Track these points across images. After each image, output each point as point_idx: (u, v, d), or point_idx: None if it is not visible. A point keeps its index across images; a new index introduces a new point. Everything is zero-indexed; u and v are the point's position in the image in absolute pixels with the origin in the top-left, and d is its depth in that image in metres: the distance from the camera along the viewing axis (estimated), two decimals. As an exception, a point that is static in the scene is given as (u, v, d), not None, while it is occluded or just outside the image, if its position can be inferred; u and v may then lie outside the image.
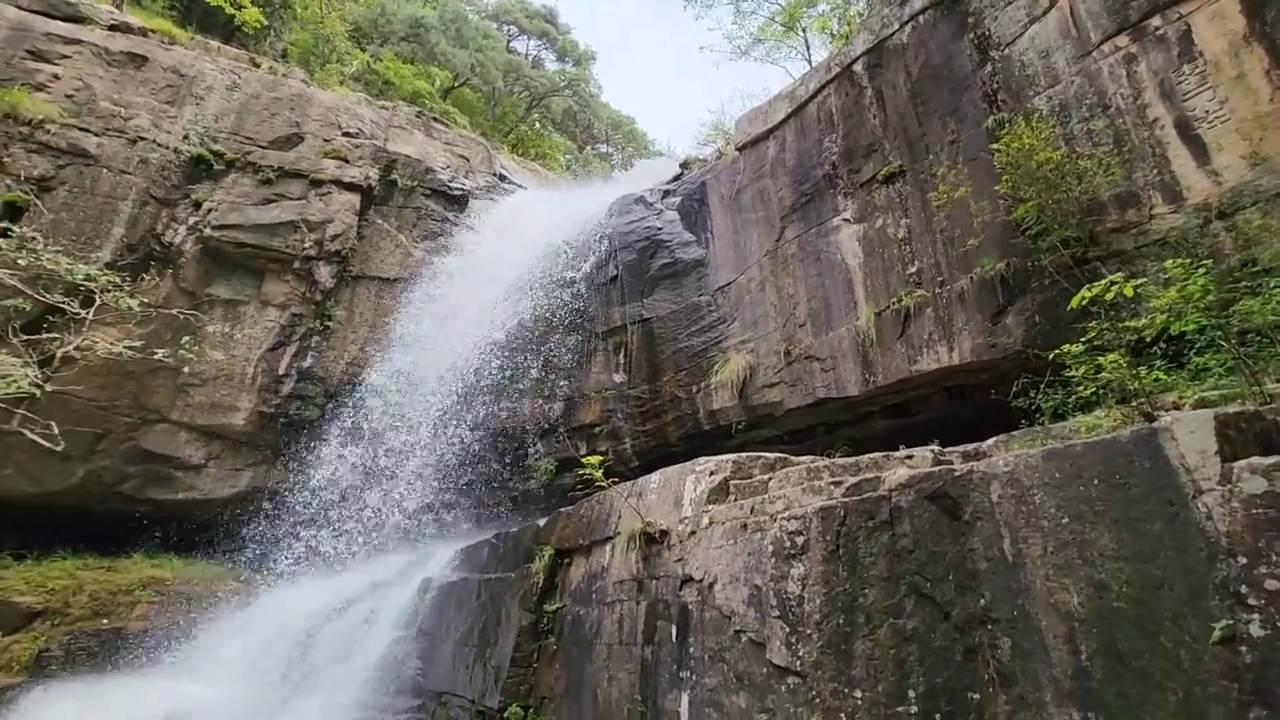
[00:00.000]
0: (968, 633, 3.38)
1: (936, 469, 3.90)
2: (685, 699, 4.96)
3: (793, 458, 6.04)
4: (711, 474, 5.86)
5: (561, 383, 12.63)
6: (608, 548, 6.58)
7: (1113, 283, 4.14)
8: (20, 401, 9.79)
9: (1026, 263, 6.90)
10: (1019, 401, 5.81)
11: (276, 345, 13.02)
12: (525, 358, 12.85)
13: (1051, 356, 4.87)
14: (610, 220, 13.12)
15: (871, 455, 5.04)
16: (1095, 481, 3.05)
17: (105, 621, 10.42)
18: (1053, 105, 6.92)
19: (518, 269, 13.49)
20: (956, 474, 3.66)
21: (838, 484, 4.46)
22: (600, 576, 6.56)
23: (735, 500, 5.44)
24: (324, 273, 13.48)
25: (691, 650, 5.05)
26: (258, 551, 12.10)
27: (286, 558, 11.96)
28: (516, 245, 13.95)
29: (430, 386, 12.81)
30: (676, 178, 13.52)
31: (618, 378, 12.02)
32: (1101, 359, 4.17)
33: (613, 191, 14.78)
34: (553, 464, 12.47)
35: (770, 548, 4.57)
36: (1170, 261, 4.39)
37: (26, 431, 9.86)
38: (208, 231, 12.70)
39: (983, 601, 3.35)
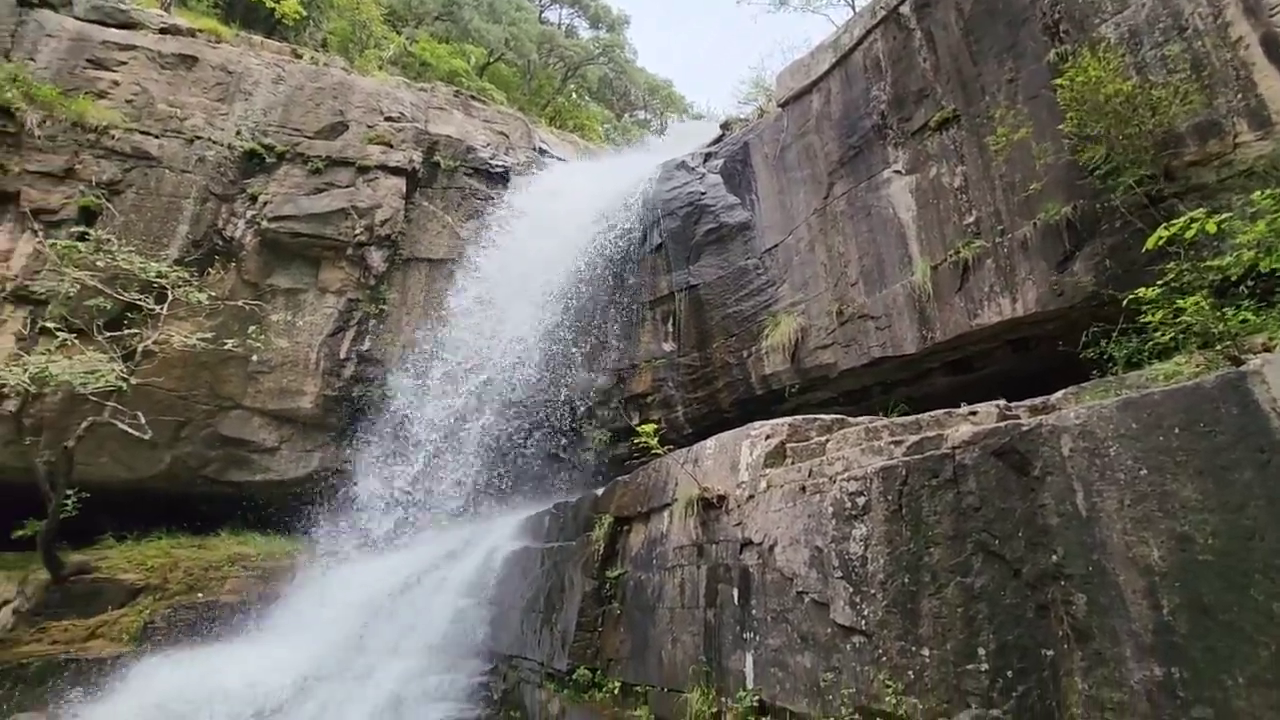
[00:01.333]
0: (1039, 589, 3.30)
1: (1003, 424, 3.78)
2: (750, 659, 5.03)
3: (850, 419, 5.95)
4: (767, 438, 5.83)
5: (612, 354, 12.70)
6: (666, 514, 6.65)
7: (1193, 219, 3.88)
8: (110, 394, 10.53)
9: (1095, 205, 6.52)
10: (1088, 352, 5.55)
11: (336, 330, 13.50)
12: (576, 333, 12.95)
13: (1125, 302, 4.61)
14: (652, 188, 12.96)
15: (933, 413, 4.91)
16: (1176, 431, 2.90)
17: (200, 595, 11.20)
18: (1121, 33, 6.43)
19: (559, 244, 13.51)
20: (1024, 428, 3.54)
21: (898, 443, 4.38)
22: (660, 542, 6.66)
23: (792, 463, 5.40)
24: (375, 257, 13.84)
25: (754, 612, 5.10)
26: (331, 527, 12.71)
27: (358, 532, 12.54)
28: (557, 221, 13.95)
29: (484, 362, 13.06)
30: (718, 139, 13.21)
31: (667, 346, 12.01)
32: (1181, 301, 3.93)
33: (650, 159, 14.55)
34: (607, 434, 12.63)
35: (830, 509, 4.54)
36: (1259, 193, 4.08)
37: (117, 422, 10.62)
38: (265, 224, 13.18)
39: (1055, 558, 3.26)
